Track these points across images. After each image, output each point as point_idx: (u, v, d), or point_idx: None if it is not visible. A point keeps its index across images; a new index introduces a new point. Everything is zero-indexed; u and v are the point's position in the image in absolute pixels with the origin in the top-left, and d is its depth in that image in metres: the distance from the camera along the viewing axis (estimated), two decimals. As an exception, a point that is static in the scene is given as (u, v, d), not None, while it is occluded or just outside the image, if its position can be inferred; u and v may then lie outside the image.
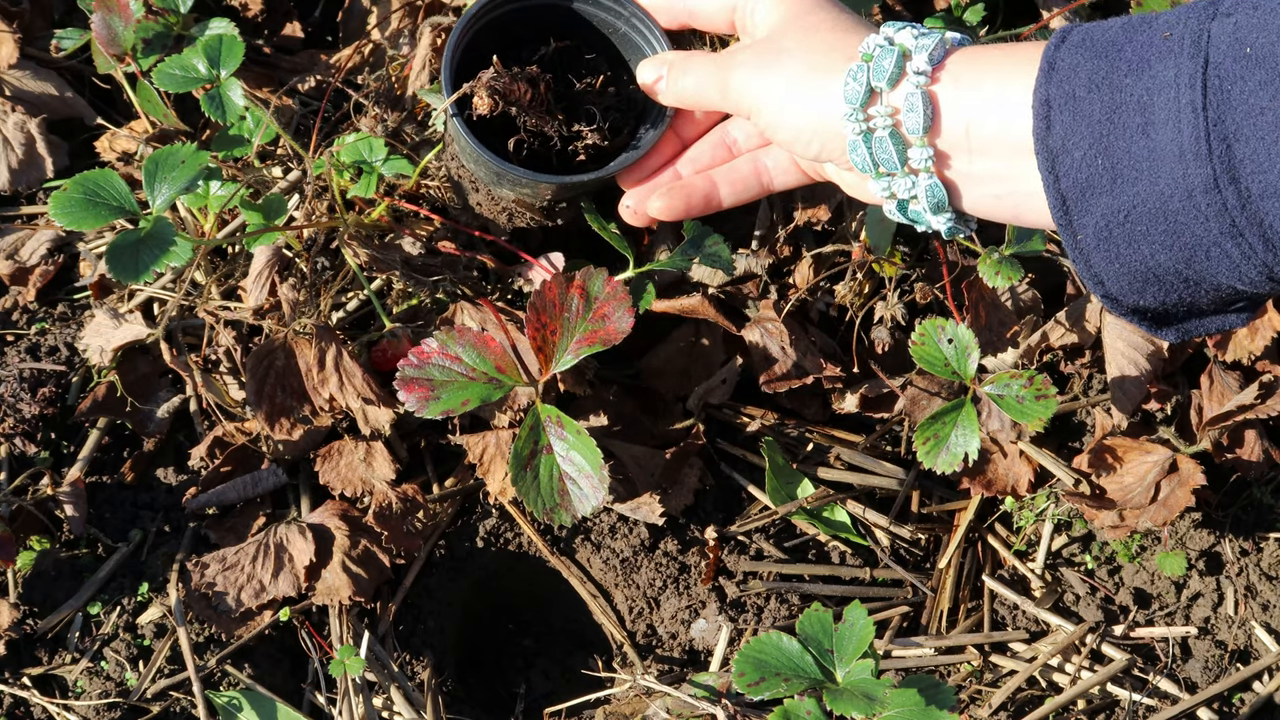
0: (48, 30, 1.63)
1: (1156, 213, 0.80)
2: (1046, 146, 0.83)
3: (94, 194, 1.14)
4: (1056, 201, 0.84)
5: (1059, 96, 0.83)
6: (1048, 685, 1.32)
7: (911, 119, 0.91)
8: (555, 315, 1.21)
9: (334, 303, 1.41)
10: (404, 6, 1.53)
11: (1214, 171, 0.77)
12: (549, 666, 1.44)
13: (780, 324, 1.36)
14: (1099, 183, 0.82)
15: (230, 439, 1.35)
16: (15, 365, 1.41)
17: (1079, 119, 0.82)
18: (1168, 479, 1.34)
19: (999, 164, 0.89)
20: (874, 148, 0.93)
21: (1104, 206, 0.82)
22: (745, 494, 1.40)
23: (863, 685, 1.02)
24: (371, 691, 1.27)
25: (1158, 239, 0.81)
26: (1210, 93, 0.77)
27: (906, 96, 0.91)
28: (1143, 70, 0.81)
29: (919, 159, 0.92)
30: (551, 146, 1.13)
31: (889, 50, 0.93)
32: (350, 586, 1.27)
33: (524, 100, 1.10)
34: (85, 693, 1.26)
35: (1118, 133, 0.80)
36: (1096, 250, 0.84)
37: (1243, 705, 1.31)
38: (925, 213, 0.95)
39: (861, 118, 0.93)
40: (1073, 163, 0.82)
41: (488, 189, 1.21)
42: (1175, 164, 0.78)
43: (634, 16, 1.14)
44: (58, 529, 1.34)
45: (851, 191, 1.03)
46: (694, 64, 1.06)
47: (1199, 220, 0.78)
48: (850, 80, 0.93)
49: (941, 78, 0.91)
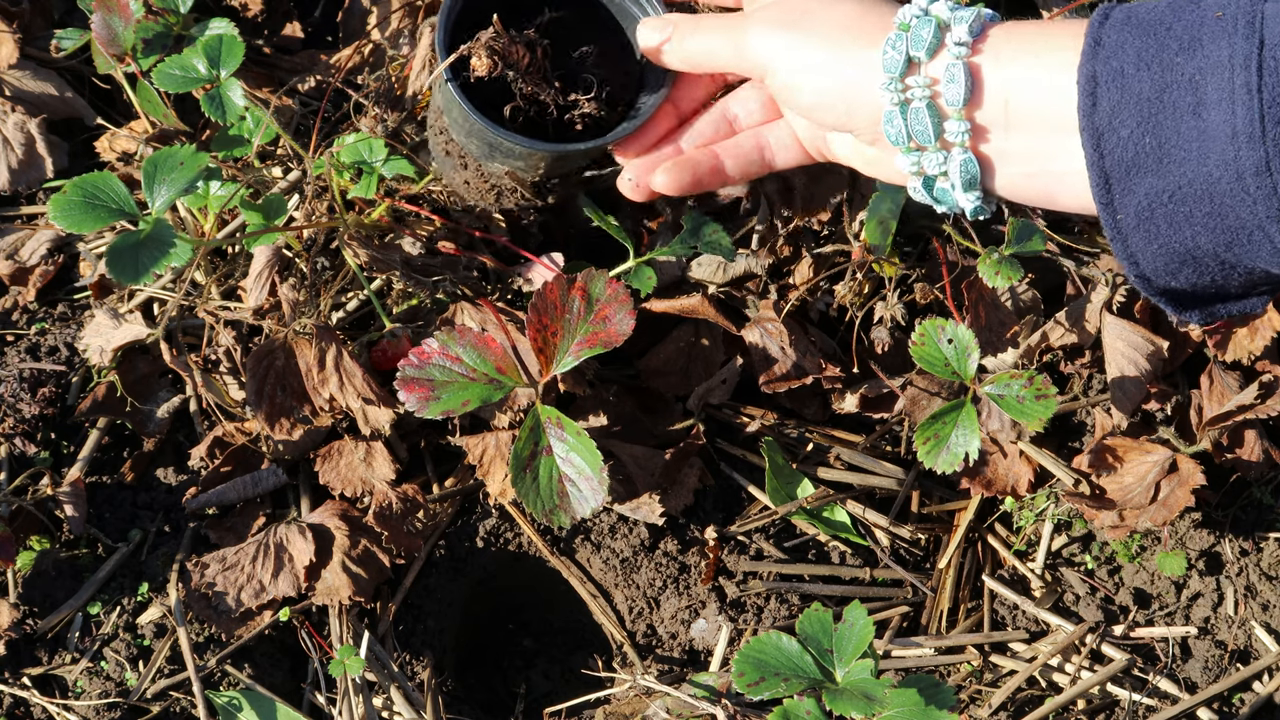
0: (48, 30, 1.63)
1: (1202, 194, 0.79)
2: (1092, 123, 0.82)
3: (93, 196, 1.14)
4: (1099, 180, 0.82)
5: (1106, 73, 0.82)
6: (1048, 685, 1.32)
7: (952, 90, 0.89)
8: (557, 316, 1.20)
9: (334, 303, 1.41)
10: (404, 6, 1.53)
11: (1266, 154, 0.76)
12: (549, 666, 1.44)
13: (780, 324, 1.36)
14: (1145, 162, 0.81)
15: (230, 439, 1.35)
16: (15, 365, 1.41)
17: (1127, 96, 0.81)
18: (1168, 479, 1.34)
19: (1036, 141, 0.87)
20: (910, 119, 0.91)
21: (1148, 186, 0.81)
22: (745, 494, 1.40)
23: (862, 685, 1.02)
24: (371, 691, 1.28)
25: (1200, 221, 0.80)
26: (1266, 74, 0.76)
27: (947, 68, 0.89)
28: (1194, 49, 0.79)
29: (955, 132, 0.90)
30: (548, 115, 1.09)
31: (926, 20, 0.91)
32: (350, 586, 1.27)
33: (521, 64, 1.07)
34: (85, 693, 1.26)
35: (1167, 112, 0.79)
36: (1136, 230, 0.83)
37: (1243, 705, 1.31)
38: (953, 190, 0.93)
39: (900, 88, 0.91)
40: (1119, 141, 0.81)
41: (477, 165, 1.17)
42: (1227, 145, 0.77)
43: None
44: (58, 529, 1.34)
45: (866, 168, 1.00)
46: (704, 23, 1.03)
47: (1246, 204, 0.77)
48: (889, 49, 0.91)
49: (983, 49, 0.89)
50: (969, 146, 0.90)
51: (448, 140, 1.17)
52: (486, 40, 1.06)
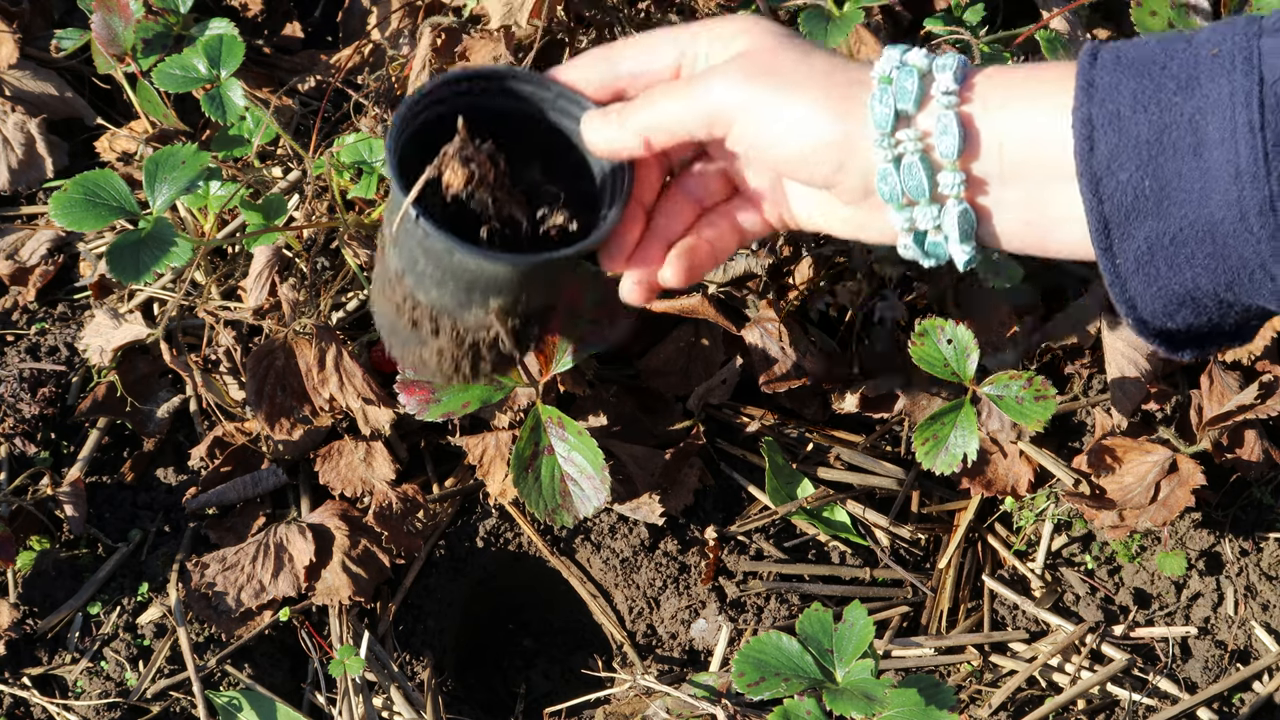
0: (48, 30, 1.63)
1: (1204, 235, 0.78)
2: (1090, 168, 0.80)
3: (94, 194, 1.14)
4: (1099, 225, 0.81)
5: (1102, 116, 0.80)
6: (1048, 685, 1.32)
7: (945, 142, 0.86)
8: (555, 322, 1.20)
9: (334, 303, 1.41)
10: (404, 6, 1.53)
11: (1271, 192, 0.75)
12: (549, 666, 1.44)
13: (780, 324, 1.36)
14: (1145, 205, 0.79)
15: (230, 439, 1.35)
16: (15, 365, 1.41)
17: (1125, 139, 0.79)
18: (1167, 479, 1.34)
19: (1032, 188, 0.85)
20: (904, 175, 0.88)
21: (1148, 230, 0.80)
22: (745, 494, 1.40)
23: (862, 685, 1.02)
24: (371, 691, 1.27)
25: (1201, 262, 0.79)
26: (1268, 111, 0.75)
27: (939, 119, 0.86)
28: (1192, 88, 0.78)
29: (949, 184, 0.87)
30: (524, 233, 1.01)
31: (908, 71, 0.88)
32: (350, 586, 1.27)
33: (490, 176, 0.99)
34: (85, 693, 1.26)
35: (1167, 153, 0.78)
36: (1136, 274, 0.82)
37: (1243, 705, 1.31)
38: (948, 242, 0.90)
39: (891, 143, 0.88)
40: (1118, 185, 0.80)
41: (451, 323, 1.05)
42: (1230, 185, 0.76)
43: (560, 98, 1.01)
44: (58, 529, 1.34)
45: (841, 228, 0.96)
46: (650, 96, 0.96)
47: (1250, 243, 0.77)
48: (876, 104, 0.88)
49: (971, 97, 0.86)
50: (964, 198, 0.88)
51: (413, 306, 1.05)
52: (456, 152, 0.98)
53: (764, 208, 1.01)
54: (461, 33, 1.42)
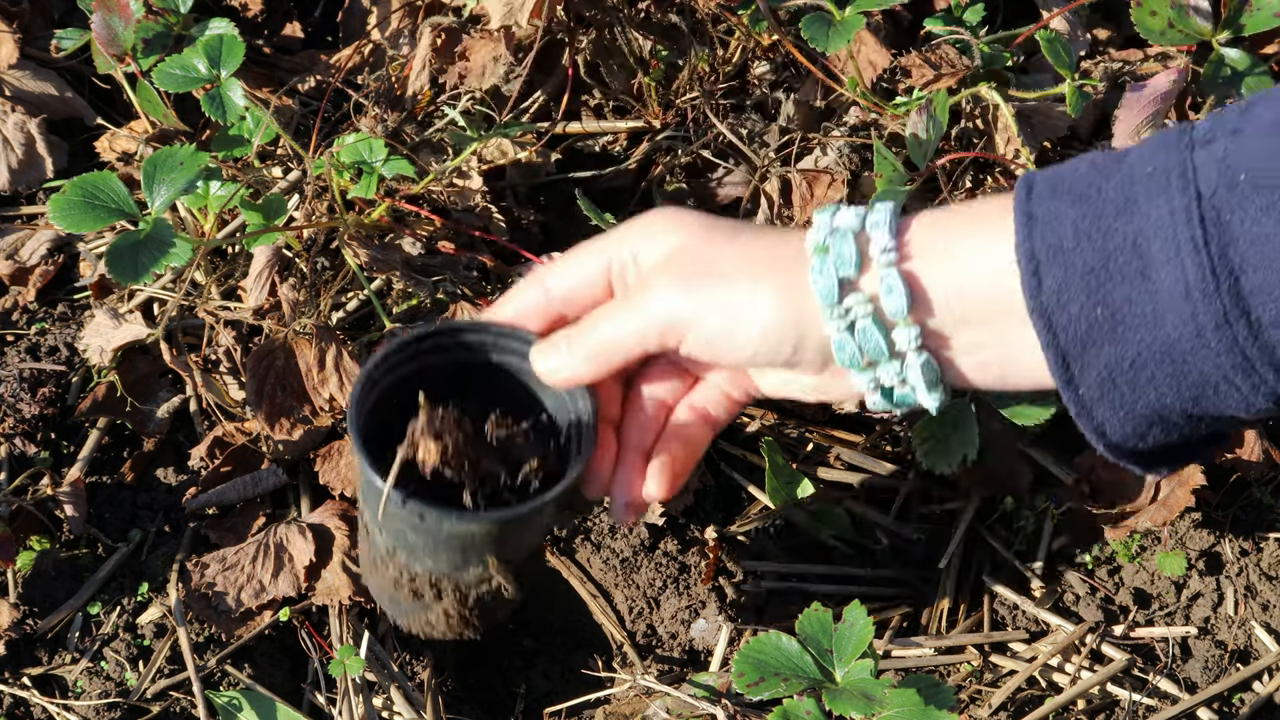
0: (48, 30, 1.63)
1: (1163, 356, 0.77)
2: (1040, 304, 0.79)
3: (93, 196, 1.15)
4: (1057, 358, 0.80)
5: (1045, 249, 0.79)
6: (1048, 685, 1.32)
7: (892, 301, 0.85)
8: None
9: (334, 303, 1.41)
10: (404, 6, 1.53)
11: (1223, 306, 0.74)
12: (549, 666, 1.44)
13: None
14: (1100, 333, 0.79)
15: (230, 439, 1.35)
16: (15, 365, 1.41)
17: (1071, 270, 0.78)
18: (1167, 479, 1.34)
19: (987, 331, 0.85)
20: (860, 339, 0.87)
21: (1107, 356, 0.79)
22: (745, 494, 1.40)
23: (862, 685, 1.02)
24: (371, 691, 1.28)
25: (1164, 382, 0.78)
26: (1209, 226, 0.74)
27: (882, 279, 0.85)
28: (1131, 211, 0.77)
29: (905, 340, 0.86)
30: (504, 486, 1.00)
31: (842, 236, 0.87)
32: (350, 586, 1.27)
33: (460, 442, 0.98)
34: (85, 693, 1.26)
35: (1115, 279, 0.77)
36: (1100, 401, 0.81)
37: (1243, 705, 1.31)
38: (915, 392, 0.89)
39: (841, 312, 0.87)
40: (1070, 317, 0.79)
41: (454, 585, 1.05)
42: (1181, 304, 0.75)
43: (501, 337, 1.01)
44: (58, 529, 1.34)
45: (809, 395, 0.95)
46: (593, 319, 0.95)
47: (1209, 359, 0.76)
48: (818, 276, 0.87)
49: (910, 253, 0.86)
50: (923, 349, 0.87)
51: (411, 579, 1.05)
52: (425, 428, 0.96)
53: (730, 392, 0.99)
54: (461, 33, 1.42)
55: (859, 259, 0.86)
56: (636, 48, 1.45)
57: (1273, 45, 1.45)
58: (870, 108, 1.41)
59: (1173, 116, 1.43)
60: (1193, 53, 1.43)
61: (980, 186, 1.41)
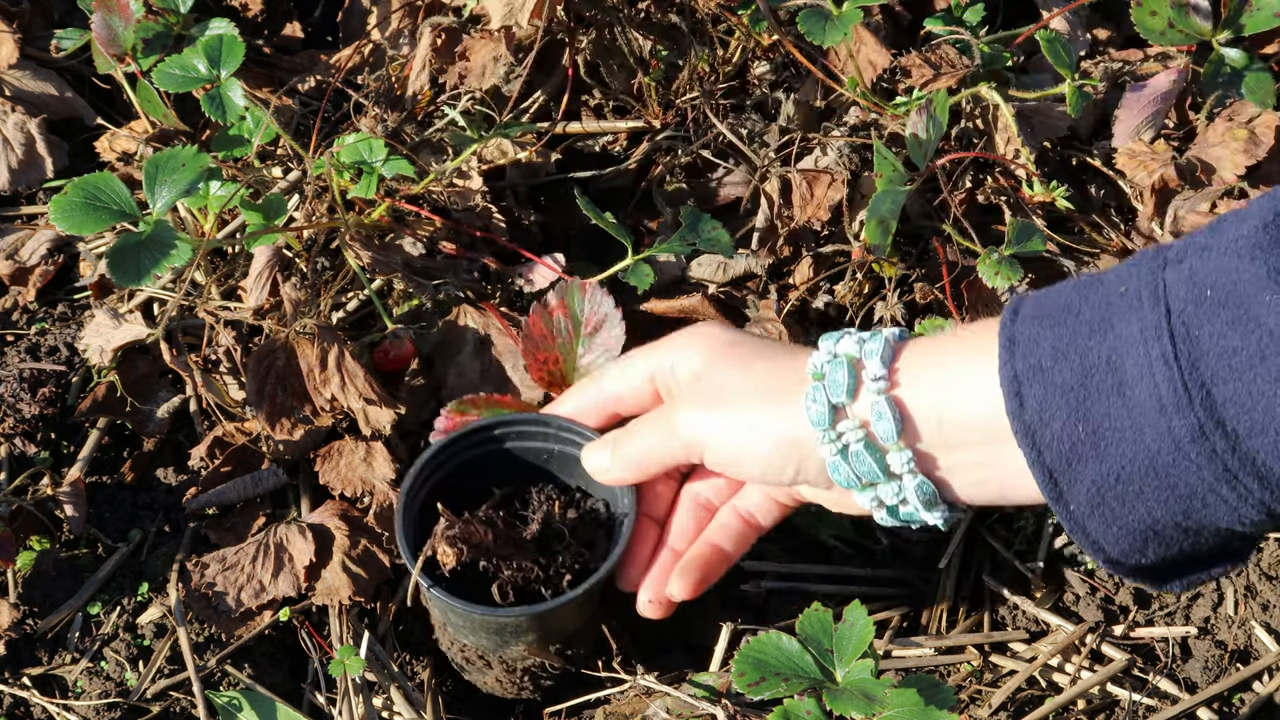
0: (48, 30, 1.63)
1: (1147, 469, 0.79)
2: (1023, 423, 0.82)
3: (94, 197, 1.15)
4: (1044, 476, 0.83)
5: (1025, 370, 0.82)
6: (1048, 685, 1.32)
7: (883, 427, 0.90)
8: (549, 345, 1.22)
9: (334, 303, 1.41)
10: (404, 6, 1.53)
11: (1198, 419, 0.76)
12: (549, 666, 1.44)
13: (780, 324, 1.36)
14: (1083, 450, 0.81)
15: (230, 439, 1.35)
16: (15, 365, 1.41)
17: (1050, 389, 0.81)
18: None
19: (978, 452, 0.88)
20: (853, 463, 0.93)
21: (1093, 472, 0.81)
22: (745, 494, 1.40)
23: (862, 685, 1.02)
24: (371, 691, 1.28)
25: (1152, 495, 0.80)
26: (1179, 341, 0.76)
27: (872, 405, 0.91)
28: (1105, 330, 0.80)
29: (899, 463, 0.92)
30: (535, 578, 1.10)
31: (838, 363, 0.93)
32: (350, 586, 1.27)
33: (488, 541, 1.08)
34: (85, 693, 1.26)
35: (1093, 397, 0.80)
36: (1091, 517, 0.83)
37: (1243, 705, 1.31)
38: (919, 511, 0.95)
39: (834, 436, 0.92)
40: (1053, 435, 0.81)
41: (499, 658, 1.17)
42: (1158, 418, 0.77)
43: (562, 430, 1.13)
44: (58, 529, 1.34)
45: (834, 506, 1.02)
46: (636, 427, 1.06)
47: (1191, 470, 0.77)
48: (810, 403, 0.93)
49: (900, 380, 0.91)
50: (917, 471, 0.92)
51: (461, 647, 1.18)
52: (443, 534, 1.06)
53: (776, 496, 1.09)
54: (461, 33, 1.42)
55: (852, 385, 0.92)
56: (636, 48, 1.45)
57: (1273, 45, 1.45)
58: (870, 108, 1.41)
59: (1173, 116, 1.44)
60: (1193, 53, 1.43)
61: (980, 186, 1.41)
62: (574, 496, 1.16)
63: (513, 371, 1.33)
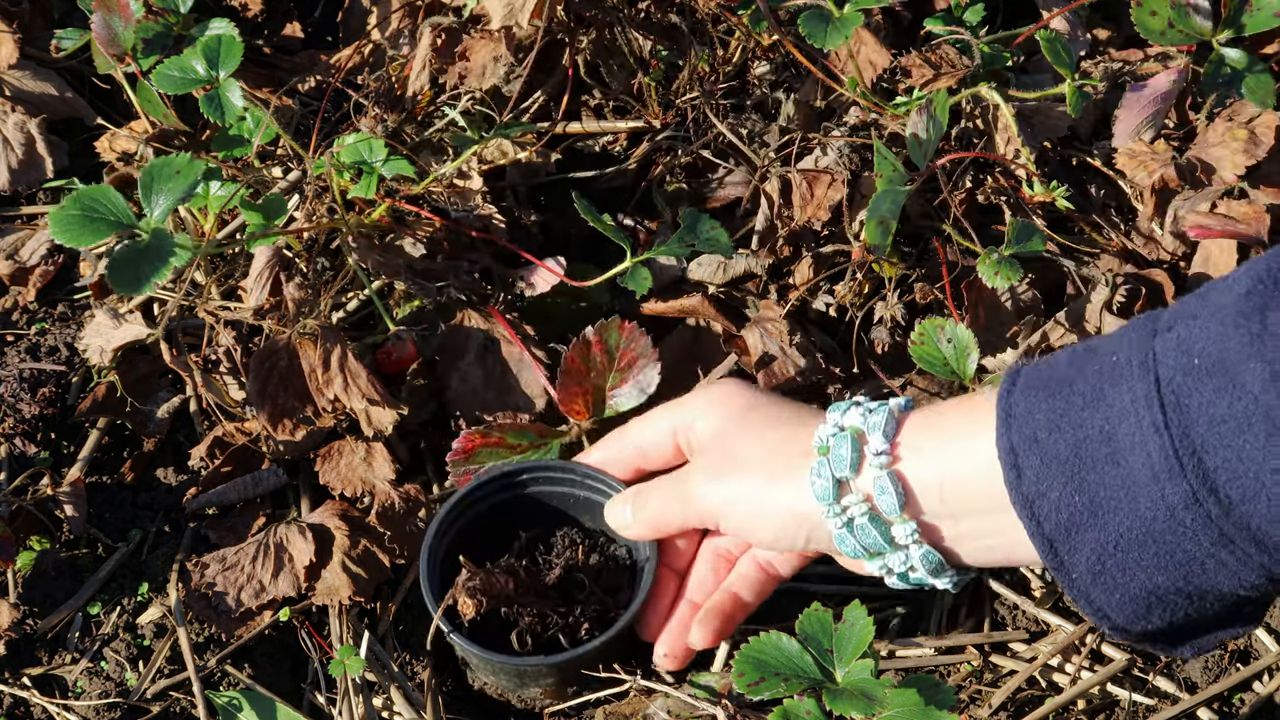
0: (48, 30, 1.63)
1: (1145, 537, 0.80)
2: (1021, 494, 0.84)
3: (91, 210, 1.16)
4: (1044, 545, 0.84)
5: (1021, 442, 0.83)
6: (1048, 685, 1.32)
7: (885, 501, 0.92)
8: (583, 378, 1.24)
9: (334, 303, 1.41)
10: (404, 6, 1.53)
11: (1191, 486, 0.76)
12: (549, 666, 1.44)
13: (780, 324, 1.37)
14: (1081, 519, 0.82)
15: (230, 439, 1.35)
16: (15, 365, 1.41)
17: (1046, 460, 0.82)
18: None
19: (981, 521, 0.90)
20: (859, 535, 0.95)
21: (1092, 541, 0.82)
22: (745, 494, 1.40)
23: (862, 685, 1.02)
24: (371, 691, 1.28)
25: (1151, 562, 0.81)
26: (1169, 410, 0.77)
27: (875, 480, 0.93)
28: (1098, 401, 0.81)
29: (904, 534, 0.94)
30: (555, 625, 1.14)
31: (842, 437, 0.95)
32: (350, 586, 1.27)
33: (509, 590, 1.11)
34: (85, 693, 1.26)
35: (1088, 467, 0.80)
36: (1094, 585, 0.84)
37: (1243, 705, 1.31)
38: (927, 577, 0.97)
39: (838, 510, 0.95)
40: (1050, 505, 0.82)
41: (517, 695, 1.21)
42: (1151, 486, 0.78)
43: (588, 478, 1.17)
44: (58, 529, 1.34)
45: (849, 566, 1.04)
46: (654, 488, 1.10)
47: (1188, 536, 0.78)
48: (815, 478, 0.95)
49: (902, 454, 0.93)
50: (922, 541, 0.94)
51: (483, 683, 1.22)
52: (464, 584, 1.08)
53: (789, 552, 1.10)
54: (461, 33, 1.42)
55: (855, 460, 0.94)
56: (636, 48, 1.45)
57: (1273, 45, 1.45)
58: (870, 108, 1.41)
59: (1173, 116, 1.44)
60: (1193, 53, 1.43)
61: (980, 186, 1.41)
62: (597, 541, 1.19)
63: (526, 386, 1.33)
